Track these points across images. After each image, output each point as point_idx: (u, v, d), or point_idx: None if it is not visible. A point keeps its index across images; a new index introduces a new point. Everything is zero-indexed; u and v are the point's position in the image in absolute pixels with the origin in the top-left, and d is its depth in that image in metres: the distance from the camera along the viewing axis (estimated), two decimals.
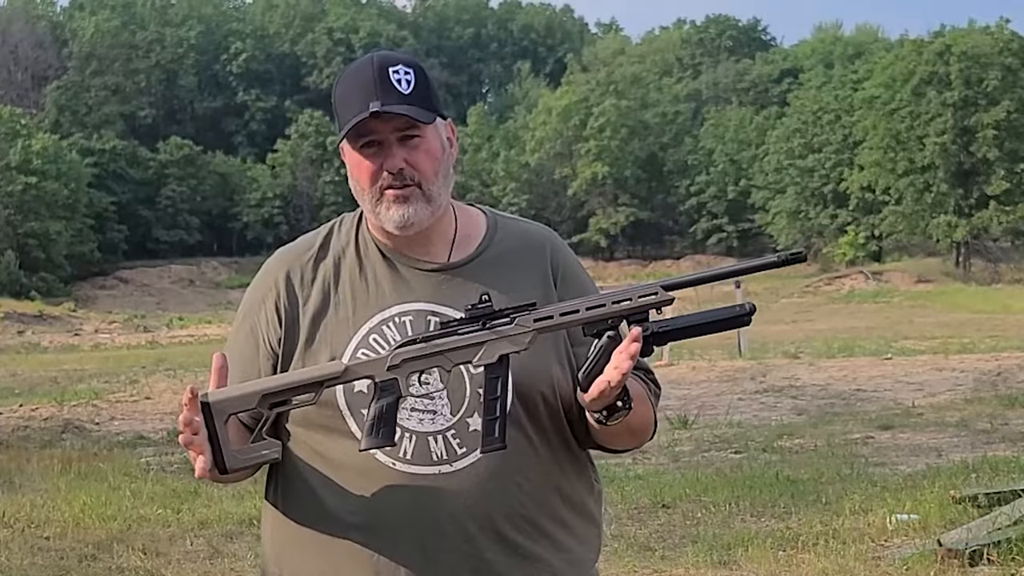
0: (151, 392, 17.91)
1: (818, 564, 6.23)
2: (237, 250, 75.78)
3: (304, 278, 2.04)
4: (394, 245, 2.03)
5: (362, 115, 1.91)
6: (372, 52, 2.05)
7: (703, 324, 1.87)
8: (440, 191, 1.98)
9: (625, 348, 1.82)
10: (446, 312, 1.98)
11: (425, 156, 1.96)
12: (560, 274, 2.07)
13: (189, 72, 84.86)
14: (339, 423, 1.96)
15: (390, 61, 1.97)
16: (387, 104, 1.91)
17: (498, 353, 1.86)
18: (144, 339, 36.63)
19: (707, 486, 8.53)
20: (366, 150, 1.96)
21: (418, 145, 1.96)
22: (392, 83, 1.94)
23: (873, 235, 64.30)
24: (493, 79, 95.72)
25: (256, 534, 7.34)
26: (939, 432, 11.33)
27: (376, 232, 2.05)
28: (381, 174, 1.95)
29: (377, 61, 1.97)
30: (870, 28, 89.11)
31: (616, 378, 1.82)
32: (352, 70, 2.00)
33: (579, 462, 2.06)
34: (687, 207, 73.87)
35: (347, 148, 1.99)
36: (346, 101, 1.97)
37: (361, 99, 1.93)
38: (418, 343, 1.87)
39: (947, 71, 58.81)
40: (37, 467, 10.31)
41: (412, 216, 1.96)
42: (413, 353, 1.86)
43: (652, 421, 2.07)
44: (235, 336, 2.07)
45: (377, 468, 1.94)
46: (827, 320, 37.50)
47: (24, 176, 62.71)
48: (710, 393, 15.74)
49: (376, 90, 1.93)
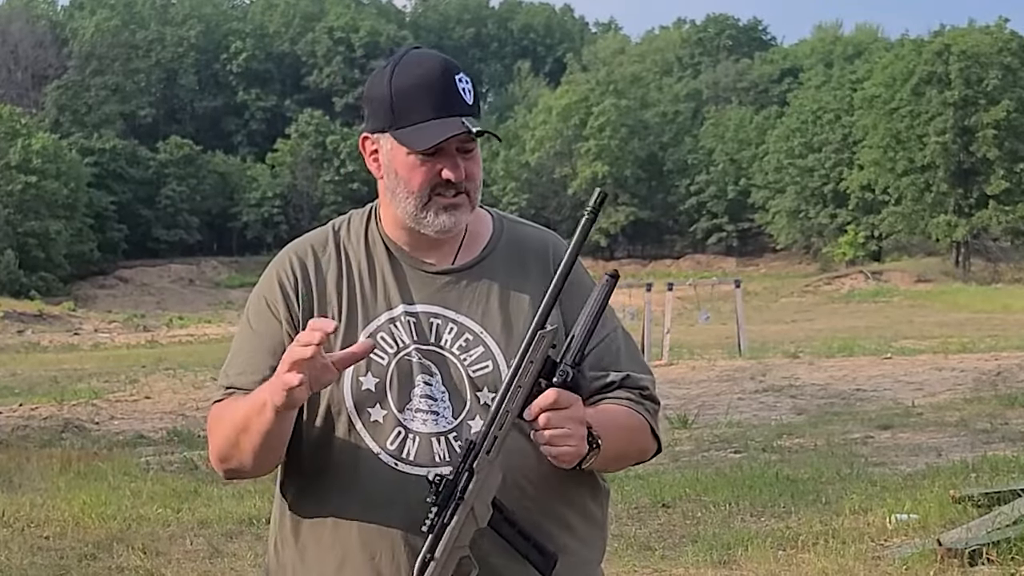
0: (151, 391, 17.92)
1: (818, 564, 6.23)
2: (237, 249, 75.84)
3: (319, 269, 2.04)
4: (403, 245, 2.04)
5: (454, 131, 1.90)
6: (426, 49, 2.02)
7: (590, 317, 1.86)
8: (479, 198, 2.01)
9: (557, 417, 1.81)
10: (448, 315, 1.99)
11: (477, 167, 1.98)
12: (566, 284, 2.06)
13: (189, 71, 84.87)
14: (345, 422, 1.96)
15: (454, 68, 1.96)
16: (466, 117, 1.92)
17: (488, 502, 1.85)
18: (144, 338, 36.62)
19: (707, 486, 8.53)
20: (423, 155, 1.95)
21: (474, 156, 1.97)
22: (459, 92, 1.94)
23: (873, 235, 64.35)
24: (493, 79, 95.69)
25: (256, 533, 7.35)
26: (939, 432, 11.33)
27: (390, 231, 2.05)
28: (437, 180, 1.95)
29: (442, 66, 1.95)
30: (870, 28, 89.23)
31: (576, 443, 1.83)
32: (414, 67, 1.96)
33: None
34: (687, 206, 73.91)
35: (395, 146, 1.96)
36: (411, 98, 1.94)
37: (435, 104, 1.92)
38: (430, 563, 1.83)
39: (947, 71, 58.85)
40: (37, 466, 10.30)
41: (458, 224, 1.98)
42: (437, 574, 1.84)
43: (639, 444, 2.04)
44: (255, 323, 2.03)
45: (380, 468, 1.94)
46: (827, 320, 37.52)
47: (24, 175, 62.75)
48: (710, 393, 15.74)
49: (449, 100, 1.93)
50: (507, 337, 1.98)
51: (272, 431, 1.88)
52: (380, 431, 1.95)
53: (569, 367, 1.84)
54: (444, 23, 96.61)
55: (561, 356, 1.85)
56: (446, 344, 1.98)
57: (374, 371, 1.96)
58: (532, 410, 1.81)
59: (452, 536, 1.82)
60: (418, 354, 1.97)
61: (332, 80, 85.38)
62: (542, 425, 1.81)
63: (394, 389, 1.95)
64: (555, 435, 1.82)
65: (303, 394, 1.78)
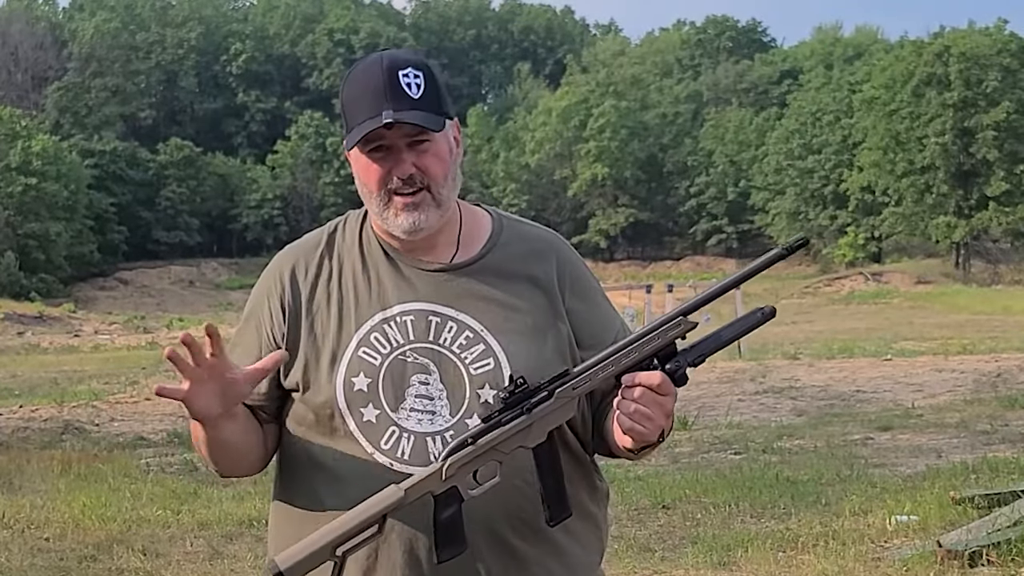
0: (151, 393, 17.84)
1: (818, 565, 6.23)
2: (237, 251, 75.86)
3: (308, 274, 2.04)
4: (398, 245, 2.03)
5: (374, 124, 1.90)
6: (380, 52, 2.02)
7: (731, 338, 1.89)
8: (449, 194, 1.98)
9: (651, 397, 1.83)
10: (447, 312, 1.98)
11: (435, 160, 1.95)
12: (568, 285, 2.06)
13: (189, 73, 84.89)
14: (339, 422, 1.96)
15: (399, 64, 1.94)
16: (399, 111, 1.90)
17: (547, 430, 1.87)
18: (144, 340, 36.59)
19: (707, 487, 8.53)
20: (374, 154, 1.94)
21: (428, 149, 1.94)
22: (402, 87, 1.92)
23: (873, 236, 64.36)
24: (493, 80, 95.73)
25: (256, 535, 7.35)
26: (939, 433, 11.32)
27: (380, 232, 2.05)
28: (390, 179, 1.94)
29: (387, 63, 1.94)
30: (869, 29, 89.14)
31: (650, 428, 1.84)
32: (360, 71, 1.97)
33: (582, 465, 2.05)
34: (687, 208, 73.91)
35: (355, 151, 1.97)
36: (355, 104, 1.95)
37: (371, 104, 1.91)
38: (468, 446, 1.85)
39: (946, 72, 58.85)
40: (37, 468, 10.30)
41: (423, 222, 1.96)
42: (465, 458, 1.85)
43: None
44: (241, 331, 2.09)
45: (375, 468, 1.93)
46: (827, 321, 37.51)
47: (24, 177, 62.73)
48: (710, 394, 15.72)
49: (387, 95, 1.91)
50: (508, 334, 1.98)
51: (215, 439, 1.94)
52: (374, 431, 1.94)
53: (686, 363, 1.86)
54: (444, 25, 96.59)
55: (684, 349, 1.87)
56: (445, 342, 1.97)
57: (366, 371, 1.96)
58: (636, 379, 1.83)
59: (500, 435, 1.84)
60: (414, 353, 1.96)
61: (332, 82, 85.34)
62: (635, 397, 1.83)
63: (387, 389, 1.95)
64: (640, 412, 1.83)
65: (205, 409, 1.86)
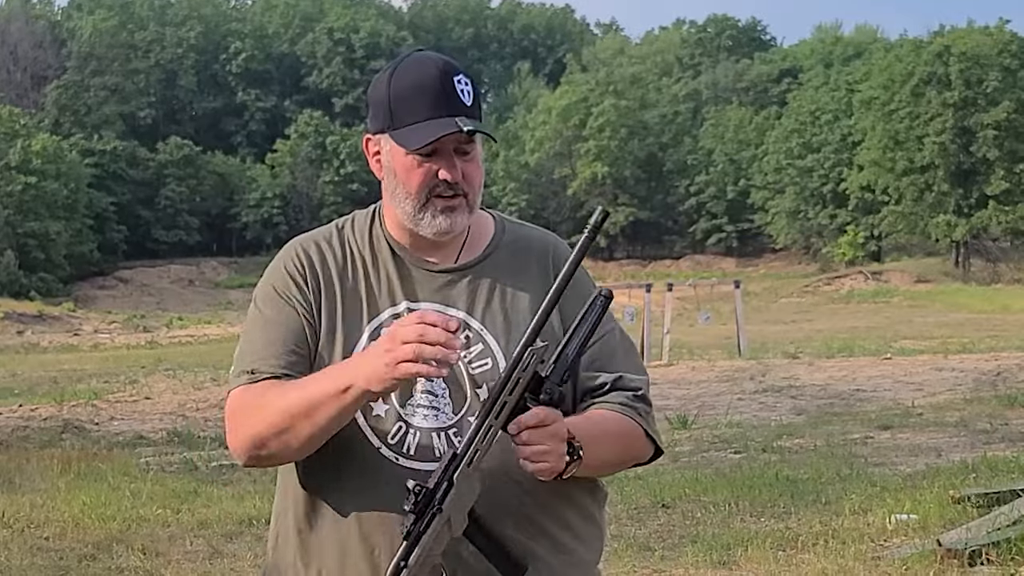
0: (151, 392, 17.91)
1: (818, 564, 6.23)
2: (237, 250, 75.85)
3: (325, 259, 2.05)
4: (407, 245, 2.05)
5: (447, 129, 1.90)
6: (425, 52, 2.01)
7: (585, 335, 1.87)
8: (478, 201, 2.01)
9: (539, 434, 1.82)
10: (450, 312, 1.99)
11: (476, 169, 1.98)
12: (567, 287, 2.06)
13: (188, 72, 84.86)
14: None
15: (454, 69, 1.96)
16: (470, 118, 1.92)
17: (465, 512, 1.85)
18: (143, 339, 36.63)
19: (707, 486, 8.53)
20: (420, 155, 1.95)
21: (473, 158, 1.97)
22: (457, 93, 1.94)
23: (872, 235, 64.38)
24: (493, 79, 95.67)
25: (256, 534, 7.35)
26: (938, 432, 11.33)
27: (393, 231, 2.06)
28: (435, 182, 1.96)
29: (443, 67, 1.95)
30: (869, 28, 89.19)
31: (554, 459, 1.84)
32: (411, 69, 1.97)
33: None
34: (686, 207, 73.92)
35: (393, 147, 1.97)
36: (407, 102, 1.95)
37: (430, 105, 1.92)
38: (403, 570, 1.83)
39: (946, 71, 58.86)
40: (37, 467, 10.30)
41: (457, 226, 1.98)
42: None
43: (631, 450, 2.04)
44: (269, 310, 2.02)
45: (381, 463, 1.95)
46: (827, 320, 37.53)
47: (24, 176, 62.80)
48: (710, 393, 15.74)
49: (447, 101, 1.93)
50: (507, 335, 2.00)
51: (346, 416, 1.89)
52: (382, 425, 1.96)
53: (556, 386, 1.85)
54: (444, 24, 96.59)
55: (548, 373, 1.85)
56: None
57: None
58: (520, 425, 1.83)
59: (427, 544, 1.84)
60: None
61: (332, 81, 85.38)
62: (523, 441, 1.83)
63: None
64: (535, 452, 1.83)
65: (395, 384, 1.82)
